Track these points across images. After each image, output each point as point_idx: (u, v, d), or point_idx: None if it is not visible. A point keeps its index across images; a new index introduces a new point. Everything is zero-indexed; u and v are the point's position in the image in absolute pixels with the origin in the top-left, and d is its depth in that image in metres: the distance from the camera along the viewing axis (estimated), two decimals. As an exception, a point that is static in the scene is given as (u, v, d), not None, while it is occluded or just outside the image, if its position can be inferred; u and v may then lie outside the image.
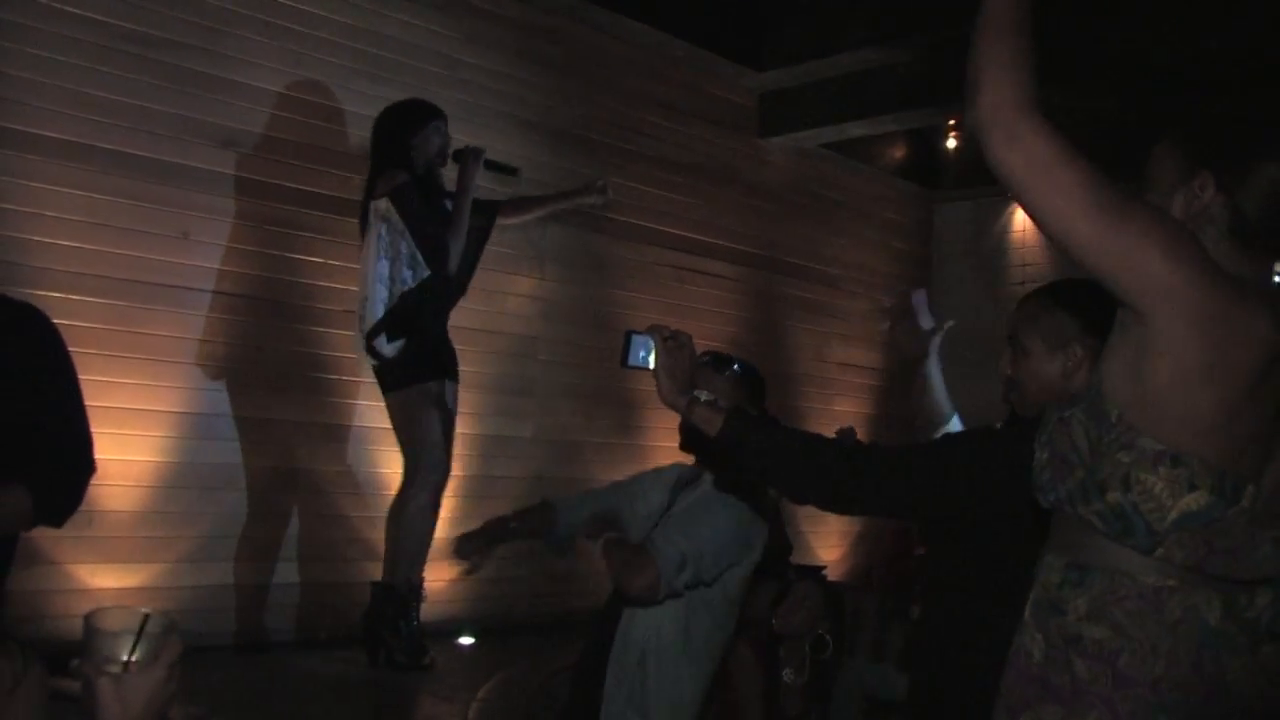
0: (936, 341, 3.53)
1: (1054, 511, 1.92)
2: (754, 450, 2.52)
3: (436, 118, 5.34)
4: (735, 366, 3.51)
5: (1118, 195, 1.72)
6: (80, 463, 2.81)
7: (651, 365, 2.65)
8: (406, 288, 5.10)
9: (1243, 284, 1.75)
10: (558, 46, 6.99)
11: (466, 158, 5.33)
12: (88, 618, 1.57)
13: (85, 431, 2.86)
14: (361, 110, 5.94)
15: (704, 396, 2.60)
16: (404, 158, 5.20)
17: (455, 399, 5.32)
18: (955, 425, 3.36)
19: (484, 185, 5.57)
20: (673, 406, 2.61)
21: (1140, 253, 1.70)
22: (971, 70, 1.77)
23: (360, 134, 5.88)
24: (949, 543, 2.72)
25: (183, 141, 5.40)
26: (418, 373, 5.15)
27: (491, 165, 5.50)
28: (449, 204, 5.31)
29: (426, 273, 5.13)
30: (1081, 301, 2.47)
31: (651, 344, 2.67)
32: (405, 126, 5.27)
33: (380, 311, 5.09)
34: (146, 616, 1.59)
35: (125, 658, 1.57)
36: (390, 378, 5.19)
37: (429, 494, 5.17)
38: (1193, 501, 1.74)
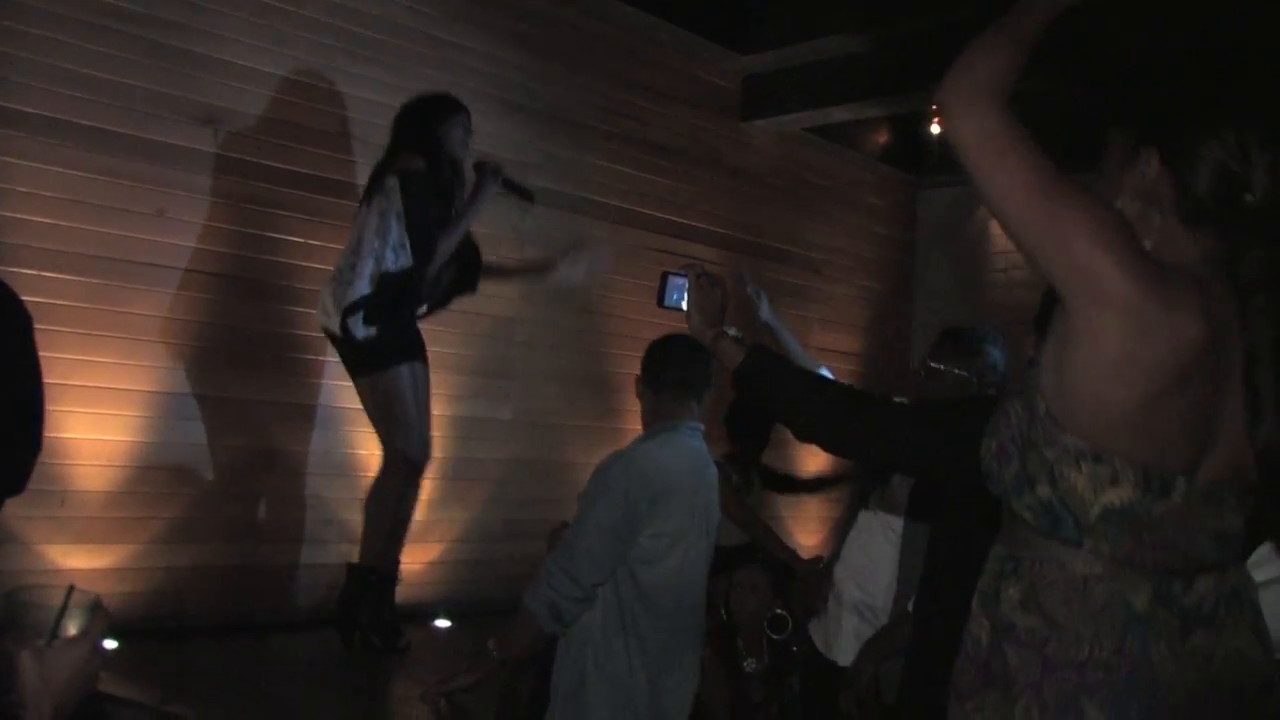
0: (766, 306, 3.60)
1: (1000, 502, 1.93)
2: (771, 385, 2.57)
3: (461, 112, 5.35)
4: (663, 340, 3.67)
5: (1061, 182, 1.72)
6: (27, 441, 2.77)
7: (685, 306, 2.72)
8: (386, 270, 5.05)
9: (1177, 275, 1.73)
10: (542, 28, 6.95)
11: (485, 173, 5.32)
12: (10, 593, 1.57)
13: (39, 411, 2.81)
14: (344, 89, 5.91)
15: (731, 332, 2.67)
16: (425, 145, 5.19)
17: (428, 380, 5.29)
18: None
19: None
20: (701, 339, 2.69)
21: (1066, 236, 1.69)
22: (975, 41, 1.80)
23: (342, 113, 5.86)
24: (954, 514, 2.72)
25: (161, 118, 5.36)
26: (386, 357, 5.13)
27: (510, 185, 5.46)
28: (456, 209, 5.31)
29: (409, 263, 5.08)
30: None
31: (686, 284, 2.73)
32: (431, 116, 5.28)
33: (363, 289, 5.03)
34: (71, 591, 1.60)
35: (49, 633, 1.58)
36: (358, 362, 5.16)
37: (405, 479, 5.16)
38: (1115, 497, 1.74)
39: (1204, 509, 1.78)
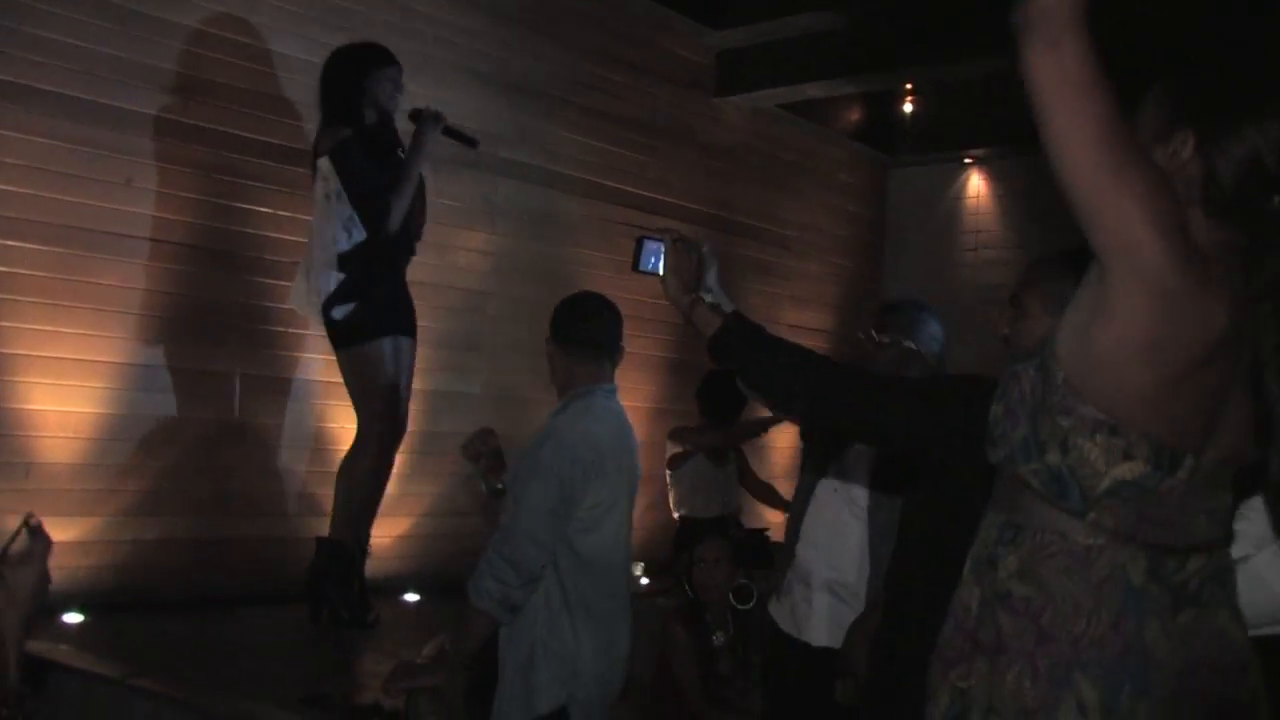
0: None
1: (998, 468, 1.93)
2: (748, 354, 2.55)
3: (389, 64, 5.14)
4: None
5: (1128, 143, 1.69)
6: None
7: (661, 270, 2.68)
8: (341, 250, 4.96)
9: (1212, 264, 1.71)
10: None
11: (425, 120, 5.11)
12: None
13: None
14: (312, 58, 5.81)
15: (709, 298, 2.64)
16: (352, 107, 5.03)
17: (412, 355, 5.23)
18: None
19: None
20: (676, 304, 2.65)
21: (1125, 209, 1.66)
22: None
23: (311, 82, 5.77)
24: (933, 490, 2.72)
25: (127, 85, 5.27)
26: (367, 330, 5.04)
27: (451, 133, 5.22)
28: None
29: (362, 236, 4.97)
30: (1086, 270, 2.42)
31: (662, 248, 2.69)
32: (355, 71, 5.07)
33: (330, 283, 4.96)
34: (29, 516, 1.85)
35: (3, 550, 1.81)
36: (340, 335, 5.08)
37: (380, 452, 5.11)
38: (1127, 471, 1.75)
39: (1205, 489, 1.79)
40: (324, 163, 4.98)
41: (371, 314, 5.04)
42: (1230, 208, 1.78)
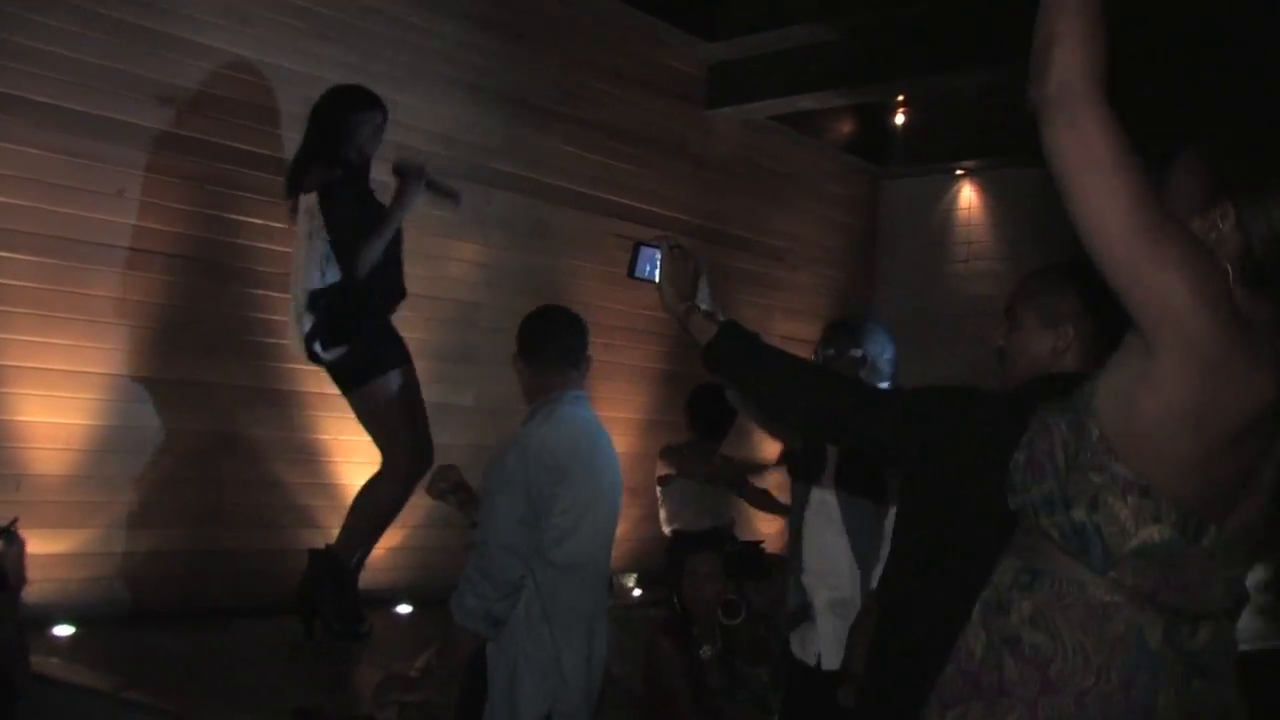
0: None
1: (1019, 514, 1.90)
2: (741, 362, 2.58)
3: (373, 108, 5.10)
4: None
5: (1160, 214, 1.66)
6: None
7: (657, 278, 2.72)
8: (314, 289, 4.92)
9: (1259, 333, 1.70)
10: (506, 10, 6.89)
11: (408, 175, 5.07)
12: None
13: None
14: (305, 70, 5.84)
15: (704, 306, 2.68)
16: (338, 145, 4.99)
17: (416, 382, 5.20)
18: None
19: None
20: (672, 312, 2.69)
21: (1167, 283, 1.63)
22: (1042, 39, 1.68)
23: (304, 93, 5.77)
24: (918, 506, 2.73)
25: (120, 96, 5.27)
26: (371, 367, 5.03)
27: (434, 185, 5.18)
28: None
29: (337, 276, 4.92)
30: (1082, 284, 2.44)
31: (658, 256, 2.72)
32: (341, 113, 5.05)
33: (312, 318, 4.92)
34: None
35: None
36: (344, 378, 5.07)
37: (402, 485, 5.10)
38: (1155, 534, 1.72)
39: (1225, 558, 1.77)
40: (312, 198, 4.95)
41: (373, 351, 5.04)
42: (1267, 279, 1.76)
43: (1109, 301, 1.77)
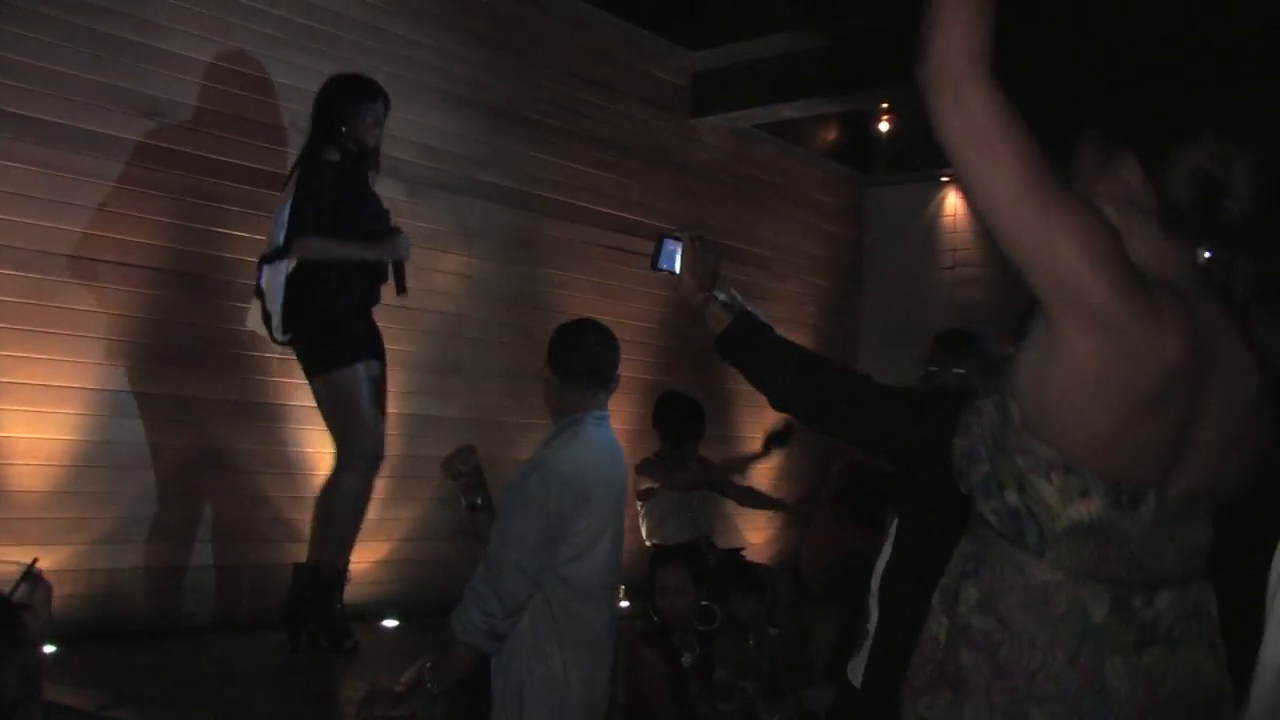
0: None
1: (969, 501, 1.89)
2: (752, 352, 2.65)
3: (374, 99, 5.11)
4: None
5: (1052, 182, 1.64)
6: None
7: (677, 269, 2.83)
8: (262, 253, 4.96)
9: (1161, 293, 1.67)
10: (490, 20, 6.89)
11: (399, 244, 5.17)
12: None
13: None
14: (288, 81, 5.82)
15: (722, 297, 2.78)
16: (337, 134, 5.01)
17: (383, 378, 5.18)
18: None
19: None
20: (690, 302, 2.80)
21: (1056, 246, 1.62)
22: (927, 20, 1.69)
23: (287, 105, 5.78)
24: (922, 502, 2.73)
25: (102, 109, 5.24)
26: (340, 356, 5.00)
27: (398, 270, 5.22)
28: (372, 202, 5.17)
29: (279, 242, 4.92)
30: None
31: (680, 248, 2.83)
32: (339, 102, 5.06)
33: (276, 297, 4.91)
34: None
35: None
36: (311, 361, 5.05)
37: (360, 479, 5.06)
38: (1084, 510, 1.71)
39: (1172, 523, 1.75)
40: (297, 171, 4.98)
41: (342, 340, 5.01)
42: (1188, 222, 1.75)
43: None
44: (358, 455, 5.04)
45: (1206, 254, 1.77)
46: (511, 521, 3.34)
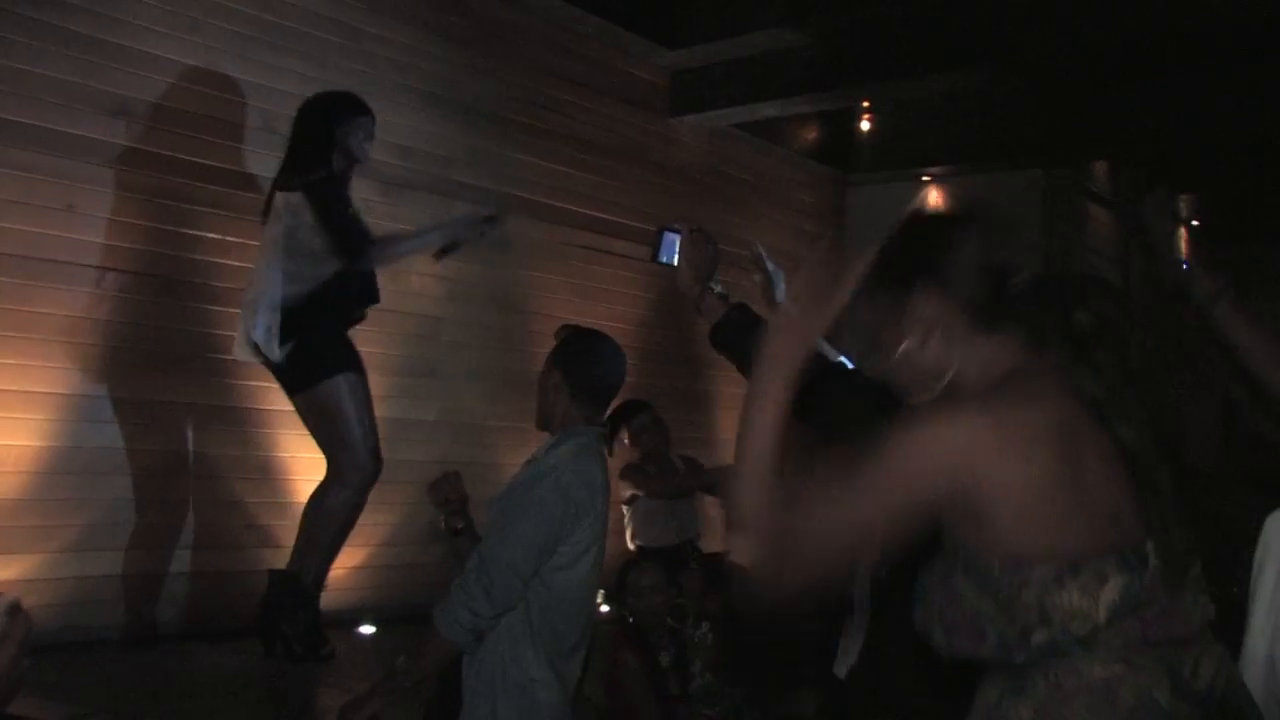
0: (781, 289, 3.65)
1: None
2: (745, 342, 2.67)
3: (362, 114, 5.07)
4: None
5: (858, 484, 1.76)
6: None
7: (676, 261, 2.88)
8: (306, 288, 4.86)
9: (1012, 385, 1.77)
10: (465, 19, 6.83)
11: (481, 224, 5.25)
12: None
13: None
14: (260, 80, 5.76)
15: (718, 289, 2.85)
16: (322, 154, 4.95)
17: (365, 389, 5.10)
18: None
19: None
20: (687, 293, 2.87)
21: (904, 504, 1.74)
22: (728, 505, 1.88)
23: (258, 104, 5.70)
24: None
25: (70, 109, 5.15)
26: (320, 370, 4.93)
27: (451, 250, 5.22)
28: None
29: (329, 273, 4.88)
30: (1074, 300, 2.39)
31: (679, 240, 2.89)
32: (327, 119, 5.01)
33: (269, 316, 4.82)
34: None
35: None
36: (292, 379, 4.98)
37: (352, 492, 4.99)
38: (1113, 591, 1.69)
39: (1173, 565, 1.75)
40: (295, 196, 4.86)
41: (322, 353, 4.95)
42: (998, 310, 1.85)
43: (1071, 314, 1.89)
44: (349, 469, 4.97)
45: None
46: (516, 524, 3.33)
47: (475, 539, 3.55)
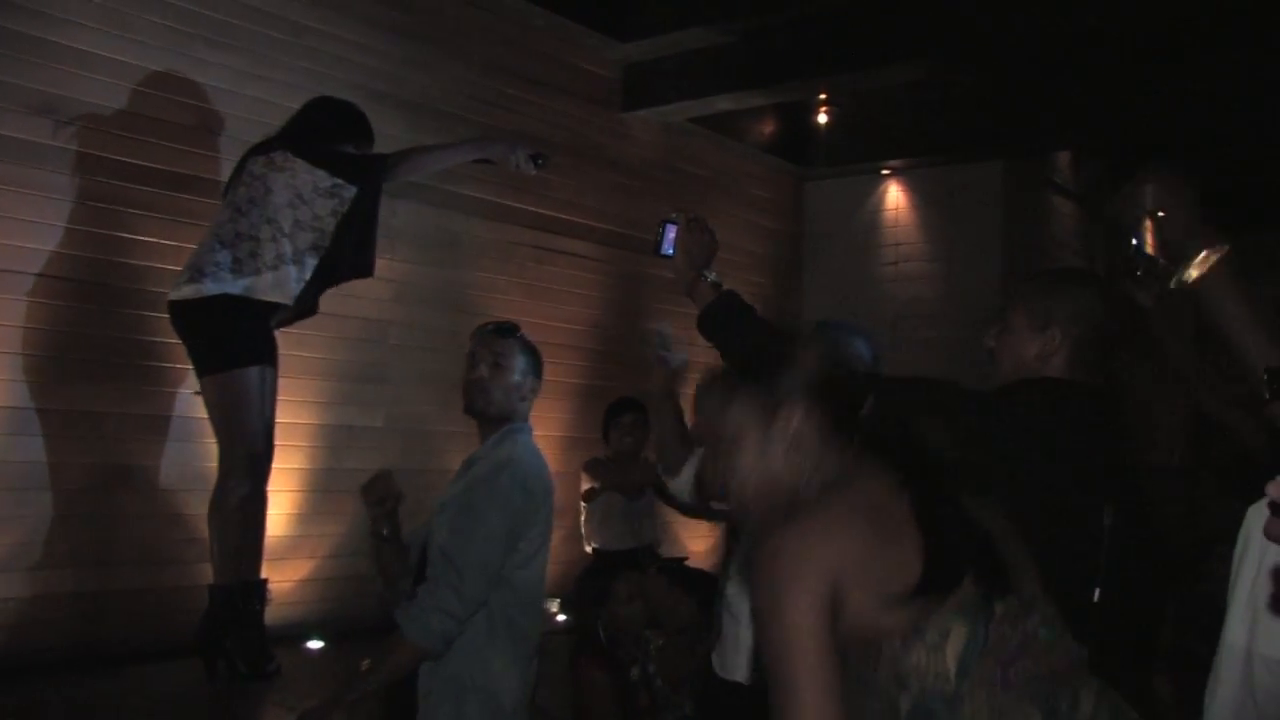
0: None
1: None
2: (730, 327, 2.80)
3: (370, 141, 5.17)
4: (519, 334, 3.82)
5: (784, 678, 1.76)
6: None
7: (672, 251, 3.00)
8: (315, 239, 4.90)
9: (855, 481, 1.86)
10: (409, 13, 6.69)
11: (525, 154, 5.16)
12: None
13: None
14: (196, 78, 5.60)
15: (711, 276, 2.95)
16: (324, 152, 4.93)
17: (275, 386, 5.00)
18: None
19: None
20: (680, 279, 2.99)
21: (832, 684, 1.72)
22: None
23: (194, 102, 5.53)
24: None
25: (-6, 108, 4.97)
26: (245, 356, 4.82)
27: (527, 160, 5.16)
28: None
29: (332, 204, 4.89)
30: (1074, 289, 2.61)
31: (675, 229, 2.99)
32: (339, 134, 5.05)
33: (295, 272, 4.84)
34: None
35: None
36: (207, 358, 4.86)
37: (252, 484, 4.86)
38: (958, 639, 1.72)
39: (1021, 601, 1.80)
40: (278, 155, 4.83)
41: (245, 341, 4.84)
42: (843, 415, 1.99)
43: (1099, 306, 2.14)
44: (243, 459, 4.84)
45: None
46: (482, 520, 3.34)
47: (399, 548, 3.59)
